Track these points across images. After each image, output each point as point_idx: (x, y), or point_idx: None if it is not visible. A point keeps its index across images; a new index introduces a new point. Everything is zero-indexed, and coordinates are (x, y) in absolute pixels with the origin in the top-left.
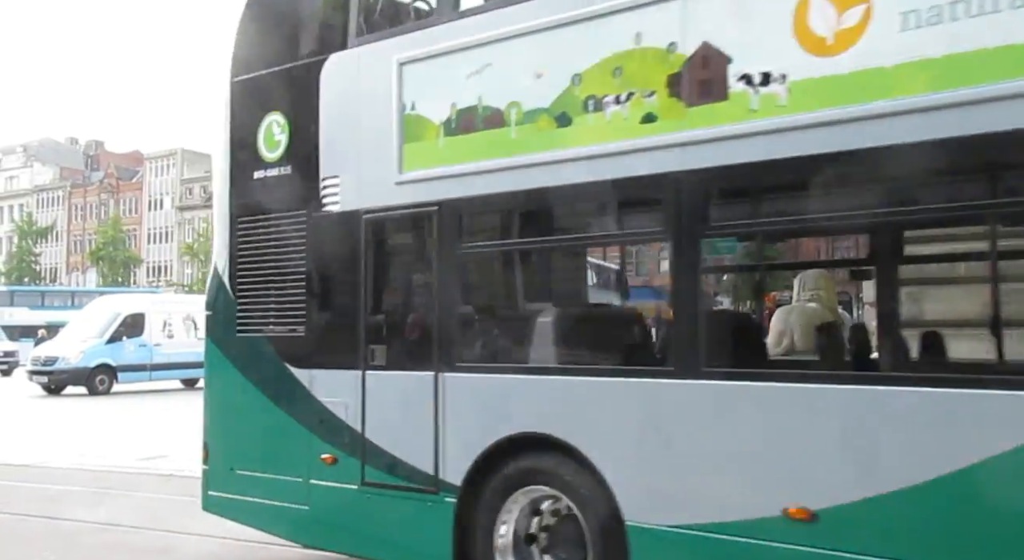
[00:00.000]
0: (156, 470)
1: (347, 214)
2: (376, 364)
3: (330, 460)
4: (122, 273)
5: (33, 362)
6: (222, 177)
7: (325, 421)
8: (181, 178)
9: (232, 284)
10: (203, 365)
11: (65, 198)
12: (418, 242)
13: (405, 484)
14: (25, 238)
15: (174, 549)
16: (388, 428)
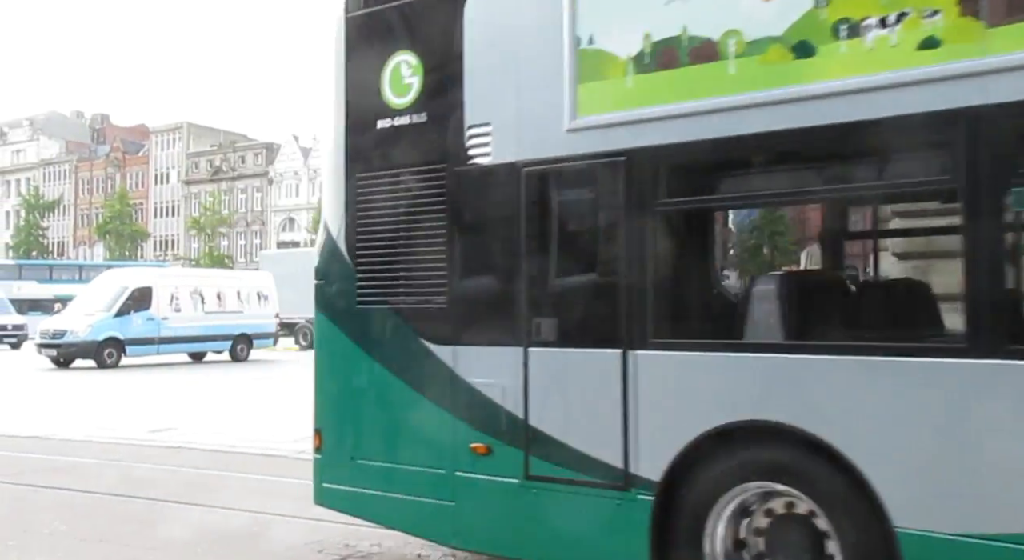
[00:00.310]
0: (165, 442)
1: (501, 167)
2: (542, 340)
3: (483, 450)
4: (129, 247)
5: (42, 335)
6: (336, 128)
7: (475, 405)
8: (187, 152)
9: (350, 250)
10: (213, 339)
11: (72, 172)
12: (597, 198)
13: (584, 478)
14: (32, 212)
15: (180, 519)
16: (559, 414)
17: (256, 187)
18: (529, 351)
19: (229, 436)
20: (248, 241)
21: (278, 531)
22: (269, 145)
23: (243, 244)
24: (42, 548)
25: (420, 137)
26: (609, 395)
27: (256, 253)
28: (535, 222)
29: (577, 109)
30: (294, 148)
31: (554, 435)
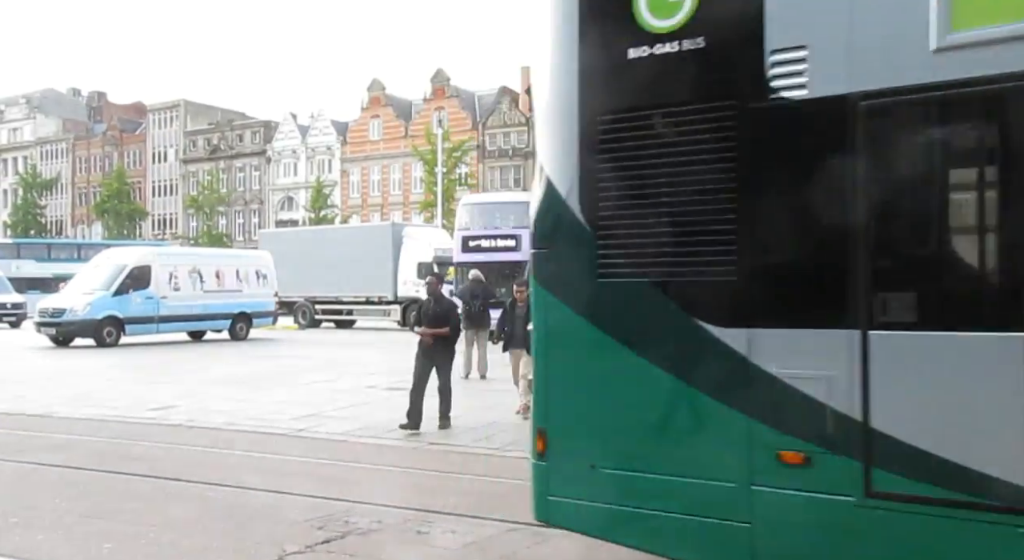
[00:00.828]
0: (165, 420)
1: (824, 102)
2: (891, 320)
3: (797, 459)
4: (127, 226)
5: (41, 314)
6: (562, 61)
7: (784, 403)
8: (185, 130)
9: (588, 209)
10: (212, 318)
11: (69, 150)
12: (971, 140)
13: (961, 498)
14: (30, 191)
15: (182, 497)
16: (920, 415)
17: (254, 166)
18: (870, 335)
19: (229, 415)
20: (246, 220)
21: (278, 508)
22: (267, 123)
23: (241, 223)
24: (44, 525)
25: (694, 68)
26: (1007, 390)
27: (255, 232)
28: (876, 170)
29: (952, 21)
30: (292, 126)
31: (911, 442)
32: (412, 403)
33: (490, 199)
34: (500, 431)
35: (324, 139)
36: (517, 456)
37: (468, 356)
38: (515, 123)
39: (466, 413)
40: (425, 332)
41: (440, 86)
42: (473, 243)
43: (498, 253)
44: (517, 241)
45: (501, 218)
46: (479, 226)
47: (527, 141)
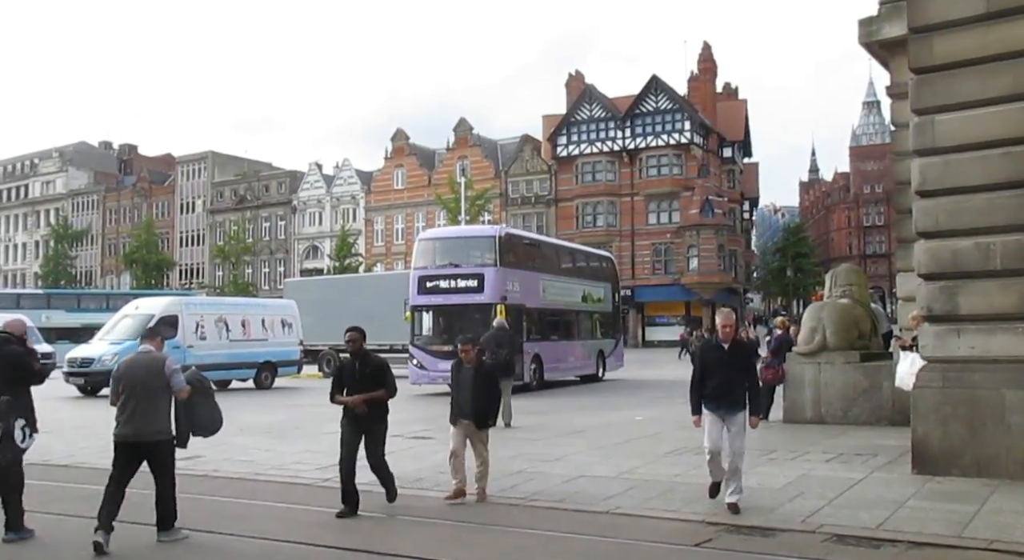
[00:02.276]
0: (192, 470)
1: None
2: None
3: None
4: (155, 276)
5: (70, 364)
6: None
7: None
8: (212, 181)
9: None
10: (238, 367)
11: (99, 202)
12: None
13: None
14: (61, 242)
15: (207, 548)
16: None
17: (280, 215)
18: None
19: (255, 464)
20: (272, 269)
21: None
22: (293, 174)
23: (267, 272)
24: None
25: None
26: None
27: (280, 280)
28: None
29: None
30: (317, 176)
31: None
32: (345, 482)
33: (450, 233)
34: (527, 480)
35: (349, 188)
36: (545, 506)
37: None
38: (537, 171)
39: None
40: (355, 401)
41: (463, 135)
42: (431, 283)
43: (458, 295)
44: (480, 281)
45: (463, 254)
46: (440, 264)
47: (549, 188)
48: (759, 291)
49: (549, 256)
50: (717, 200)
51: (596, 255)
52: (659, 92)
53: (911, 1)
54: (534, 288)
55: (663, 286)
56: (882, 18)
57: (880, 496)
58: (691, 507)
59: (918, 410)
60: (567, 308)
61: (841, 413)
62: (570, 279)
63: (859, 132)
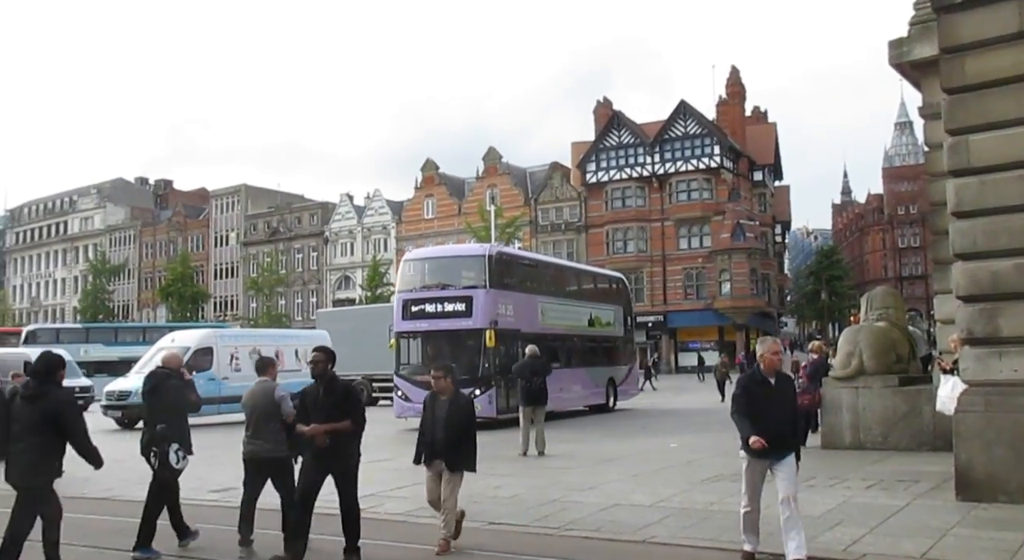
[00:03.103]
0: (226, 502)
1: None
2: None
3: None
4: (191, 308)
5: (107, 397)
6: None
7: None
8: (245, 214)
9: None
10: None
11: (136, 237)
12: None
13: None
14: (99, 276)
15: None
16: None
17: (312, 246)
18: None
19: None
20: (305, 299)
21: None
22: (324, 205)
23: (300, 302)
24: None
25: None
26: None
27: (313, 311)
28: None
29: None
30: (348, 207)
31: None
32: (297, 524)
33: (437, 253)
34: (561, 509)
35: (380, 219)
36: (580, 535)
37: (526, 433)
38: (566, 198)
39: (527, 492)
40: (317, 430)
41: (492, 164)
42: (416, 307)
43: (446, 320)
44: (468, 304)
45: (451, 276)
46: (426, 287)
47: (579, 215)
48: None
49: (549, 277)
50: (748, 224)
51: (604, 276)
52: (688, 117)
53: (942, 22)
54: (531, 311)
55: (695, 311)
56: (912, 39)
57: (923, 524)
58: (728, 535)
59: (960, 435)
60: (570, 333)
61: (880, 438)
62: (574, 301)
63: (892, 153)
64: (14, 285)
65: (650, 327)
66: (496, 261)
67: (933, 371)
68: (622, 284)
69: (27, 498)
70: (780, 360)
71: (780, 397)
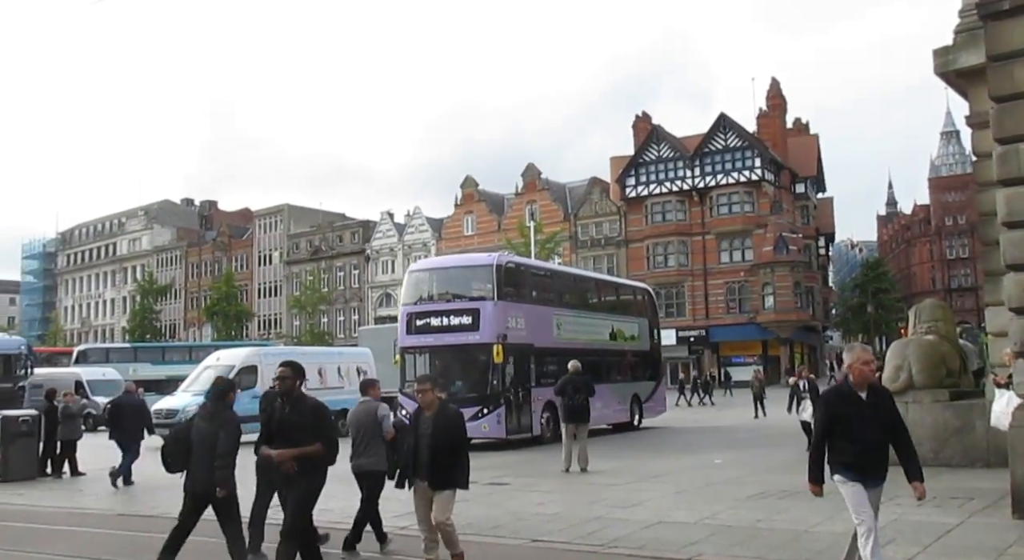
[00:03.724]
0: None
1: None
2: None
3: None
4: (235, 327)
5: (155, 415)
6: None
7: None
8: (288, 233)
9: None
10: None
11: (182, 257)
12: None
13: None
14: (146, 297)
15: None
16: None
17: (353, 264)
18: None
19: (336, 513)
20: (347, 317)
21: None
22: (365, 223)
23: (342, 320)
24: None
25: None
26: None
27: (355, 329)
28: None
29: None
30: (389, 225)
31: None
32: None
33: (443, 264)
34: (605, 526)
35: (420, 236)
36: (625, 553)
37: (568, 450)
38: (606, 213)
39: (570, 508)
40: (284, 456)
41: (531, 180)
42: (421, 321)
43: (452, 334)
44: (475, 317)
45: (458, 287)
46: (431, 299)
47: (619, 230)
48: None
49: (565, 288)
50: (791, 237)
51: (628, 287)
52: (728, 130)
53: (989, 29)
54: (545, 324)
55: (738, 325)
56: (958, 47)
57: (979, 542)
58: (776, 554)
59: (1016, 450)
60: (589, 347)
61: (932, 455)
62: (593, 314)
63: (938, 163)
64: (66, 306)
65: (692, 342)
66: (505, 271)
67: (986, 385)
68: (648, 295)
69: (210, 504)
70: (872, 370)
71: (874, 414)
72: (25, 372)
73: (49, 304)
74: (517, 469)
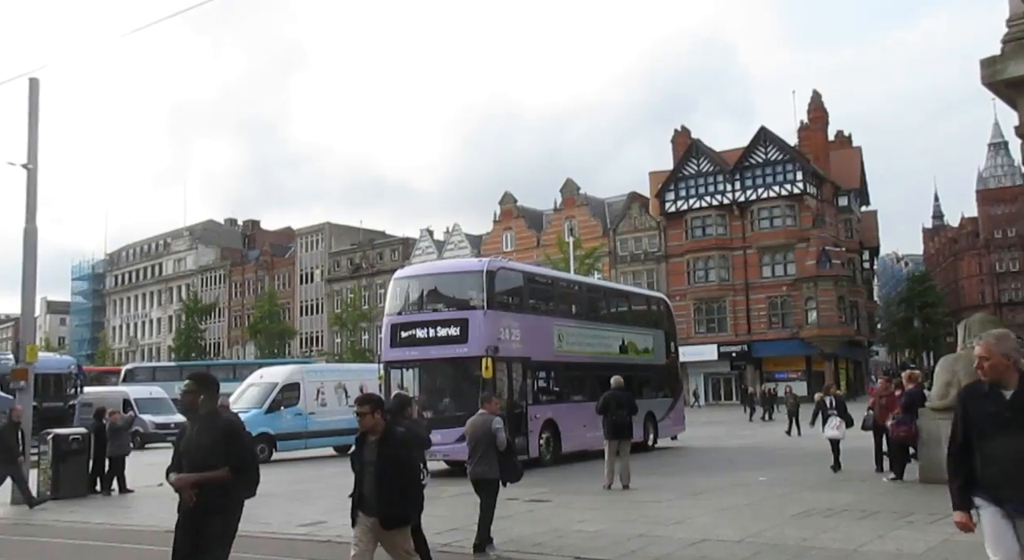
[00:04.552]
0: (316, 536)
1: None
2: None
3: None
4: (278, 344)
5: None
6: None
7: None
8: (329, 251)
9: None
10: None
11: (226, 276)
12: None
13: None
14: (191, 316)
15: None
16: None
17: None
18: None
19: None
20: None
21: None
22: (405, 240)
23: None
24: None
25: None
26: None
27: None
28: None
29: None
30: (428, 242)
31: None
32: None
33: (429, 270)
34: (648, 544)
35: (459, 253)
36: None
37: (611, 466)
38: (645, 228)
39: (613, 525)
40: (184, 480)
41: (569, 195)
42: (406, 333)
43: (437, 347)
44: (463, 328)
45: (446, 296)
46: (416, 309)
47: (659, 245)
48: (884, 343)
49: (568, 296)
50: (834, 250)
51: (641, 296)
52: (768, 143)
53: None
54: (543, 336)
55: (781, 340)
56: (1006, 57)
57: None
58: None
59: None
60: (595, 361)
61: None
62: (601, 325)
63: (986, 174)
64: (114, 326)
65: (734, 357)
66: (497, 278)
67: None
68: (664, 305)
69: None
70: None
71: (1020, 417)
72: (75, 391)
73: (98, 324)
74: (554, 486)
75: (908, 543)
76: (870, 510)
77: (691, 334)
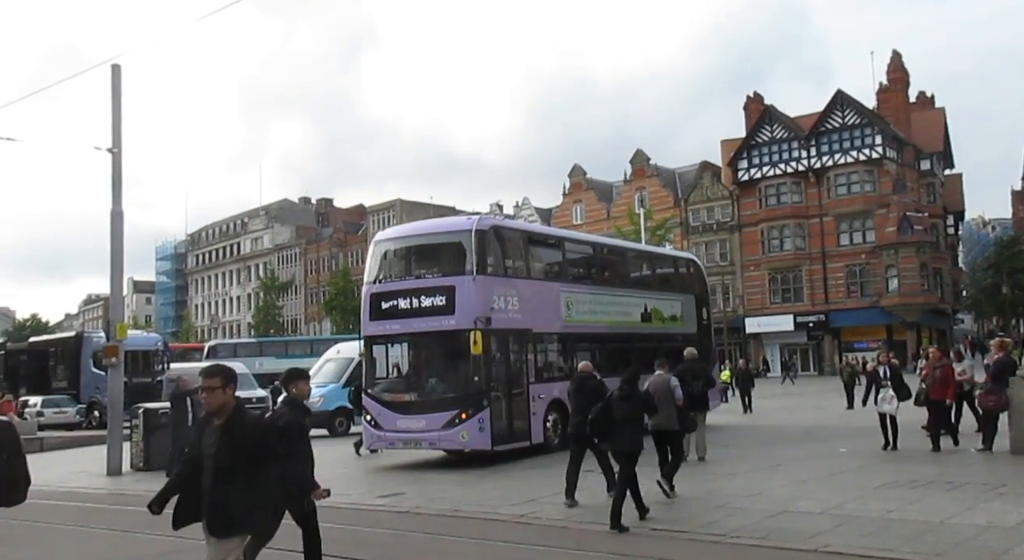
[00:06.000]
0: (395, 507)
1: None
2: None
3: None
4: (353, 321)
5: None
6: None
7: None
8: None
9: None
10: None
11: (301, 254)
12: None
13: None
14: (269, 293)
15: None
16: None
17: None
18: None
19: (453, 501)
20: None
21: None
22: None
23: None
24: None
25: None
26: None
27: None
28: None
29: None
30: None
31: None
32: None
33: (413, 231)
34: (727, 516)
35: None
36: (748, 543)
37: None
38: (718, 197)
39: (691, 498)
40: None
41: (640, 166)
42: (387, 303)
43: (421, 319)
44: (449, 297)
45: (432, 261)
46: (399, 276)
47: (732, 214)
48: (970, 311)
49: (579, 258)
50: (916, 216)
51: (667, 257)
52: (845, 107)
53: None
54: (549, 305)
55: (860, 310)
56: None
57: None
58: (910, 545)
59: None
60: (612, 332)
61: None
62: (619, 290)
63: None
64: (196, 304)
65: (811, 327)
66: (489, 238)
67: None
68: (695, 267)
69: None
70: None
71: None
72: (162, 367)
73: (181, 302)
74: None
75: (999, 515)
76: (957, 482)
77: (766, 304)
